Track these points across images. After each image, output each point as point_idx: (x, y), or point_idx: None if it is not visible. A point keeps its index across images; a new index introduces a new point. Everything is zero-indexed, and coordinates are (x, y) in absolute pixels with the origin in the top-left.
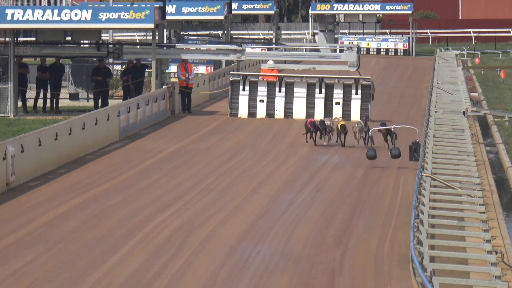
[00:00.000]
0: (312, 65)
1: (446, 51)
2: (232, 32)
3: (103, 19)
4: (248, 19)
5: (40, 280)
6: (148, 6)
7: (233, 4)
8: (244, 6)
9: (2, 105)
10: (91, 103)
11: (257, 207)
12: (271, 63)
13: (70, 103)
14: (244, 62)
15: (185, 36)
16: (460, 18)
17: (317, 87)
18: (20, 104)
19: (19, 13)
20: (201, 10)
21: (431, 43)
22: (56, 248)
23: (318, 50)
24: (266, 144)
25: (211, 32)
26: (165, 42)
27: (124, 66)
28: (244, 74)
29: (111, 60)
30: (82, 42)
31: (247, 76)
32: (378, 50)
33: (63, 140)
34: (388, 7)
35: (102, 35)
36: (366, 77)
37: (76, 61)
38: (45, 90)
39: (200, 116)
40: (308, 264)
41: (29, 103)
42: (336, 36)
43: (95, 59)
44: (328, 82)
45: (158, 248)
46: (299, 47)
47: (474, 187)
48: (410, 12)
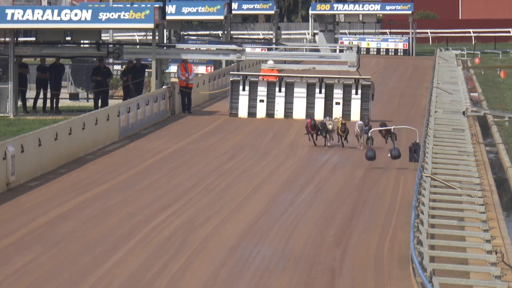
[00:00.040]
0: (312, 65)
1: (446, 51)
2: (232, 32)
3: (103, 19)
4: (248, 19)
5: (40, 280)
6: (148, 6)
7: (233, 4)
8: (244, 6)
9: (2, 105)
10: (91, 103)
11: (257, 207)
12: (271, 63)
13: (70, 103)
14: (244, 62)
15: (185, 36)
16: (460, 18)
17: (317, 87)
18: (20, 104)
19: (19, 13)
20: (201, 10)
21: (431, 43)
22: (56, 248)
23: (318, 50)
24: (266, 144)
25: (211, 32)
26: (165, 42)
27: (124, 66)
28: (244, 74)
29: (111, 60)
30: (82, 42)
31: (247, 76)
32: (378, 50)
33: (63, 140)
34: (388, 7)
35: (102, 35)
36: (366, 77)
37: (76, 61)
38: (45, 90)
39: (200, 116)
40: (308, 264)
41: (29, 103)
42: (336, 36)
43: (95, 59)
44: (328, 82)
45: (158, 248)
46: (299, 47)
47: (474, 187)
48: (410, 12)
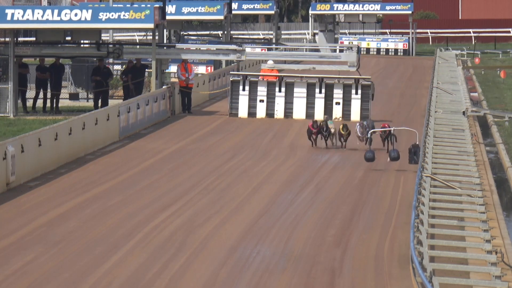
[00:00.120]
0: (312, 65)
1: (446, 51)
2: (232, 32)
3: (103, 19)
4: (248, 19)
5: (40, 280)
6: (148, 6)
7: (233, 4)
8: (244, 6)
9: (2, 105)
10: (91, 103)
11: (257, 207)
12: (271, 63)
13: (70, 103)
14: (244, 62)
15: (185, 36)
16: (460, 18)
17: (317, 87)
18: (20, 104)
19: (19, 13)
20: (201, 10)
21: (431, 43)
22: (56, 248)
23: (318, 50)
24: (266, 144)
25: (211, 32)
26: (165, 42)
27: (124, 66)
28: (244, 74)
29: (111, 60)
30: (82, 42)
31: (247, 76)
32: (378, 50)
33: (63, 140)
34: (388, 7)
35: (102, 35)
36: (366, 77)
37: (76, 61)
38: (45, 90)
39: (200, 116)
40: (308, 264)
41: (29, 103)
42: (336, 36)
43: (95, 59)
44: (328, 82)
45: (158, 248)
46: (299, 47)
47: (474, 187)
48: (410, 12)
